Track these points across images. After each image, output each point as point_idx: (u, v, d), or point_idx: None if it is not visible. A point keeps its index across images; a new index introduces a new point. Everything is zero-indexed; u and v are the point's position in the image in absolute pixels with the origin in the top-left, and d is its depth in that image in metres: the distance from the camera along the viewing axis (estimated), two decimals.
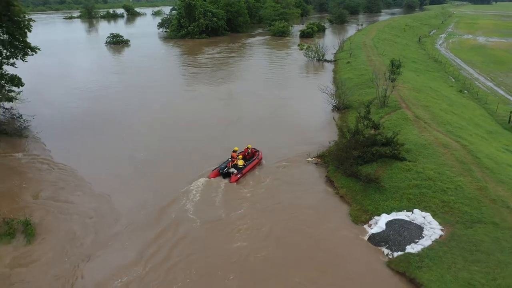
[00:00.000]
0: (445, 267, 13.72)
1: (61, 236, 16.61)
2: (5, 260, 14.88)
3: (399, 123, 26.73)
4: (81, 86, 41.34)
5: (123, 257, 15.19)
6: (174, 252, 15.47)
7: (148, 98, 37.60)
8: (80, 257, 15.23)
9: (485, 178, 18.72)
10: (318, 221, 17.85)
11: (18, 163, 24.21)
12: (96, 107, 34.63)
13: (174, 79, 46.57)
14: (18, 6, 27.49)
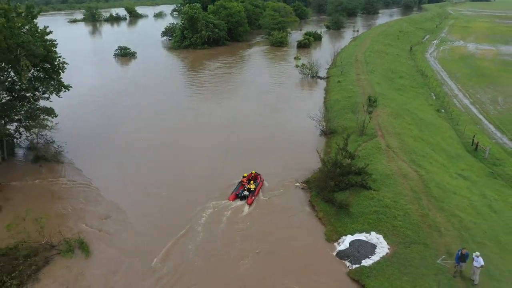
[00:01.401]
0: (385, 277, 19.70)
1: (108, 253, 22.56)
2: (74, 270, 20.82)
3: (372, 152, 32.61)
4: (96, 106, 47.10)
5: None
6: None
7: (160, 120, 43.39)
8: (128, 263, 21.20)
9: (429, 206, 24.68)
10: (300, 238, 23.79)
11: (60, 187, 30.13)
12: (112, 129, 40.51)
13: (179, 99, 52.19)
14: (55, 52, 33.16)
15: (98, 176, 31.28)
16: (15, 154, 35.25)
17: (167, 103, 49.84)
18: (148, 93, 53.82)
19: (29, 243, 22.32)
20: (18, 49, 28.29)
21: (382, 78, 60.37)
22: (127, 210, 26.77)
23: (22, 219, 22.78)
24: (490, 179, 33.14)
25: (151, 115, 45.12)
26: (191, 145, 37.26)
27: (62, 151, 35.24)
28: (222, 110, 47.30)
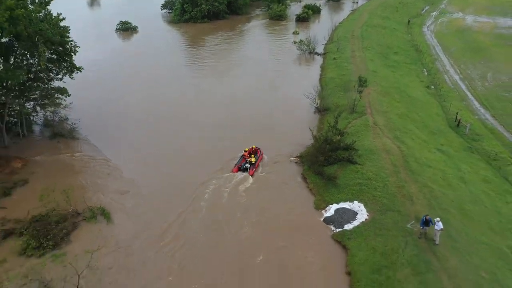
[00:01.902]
0: (363, 238, 23.51)
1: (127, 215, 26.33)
2: (98, 234, 24.62)
3: (360, 129, 35.95)
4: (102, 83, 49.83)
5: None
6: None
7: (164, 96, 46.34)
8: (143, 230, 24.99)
9: (405, 179, 28.28)
10: (292, 206, 27.52)
11: (77, 162, 33.67)
12: (120, 104, 43.57)
13: (181, 76, 54.76)
14: (68, 37, 35.77)
15: (111, 150, 34.73)
16: (33, 131, 38.55)
17: (169, 80, 52.42)
18: (151, 69, 56.25)
19: (58, 211, 26.00)
20: (36, 37, 31.05)
21: (376, 54, 62.76)
22: (140, 180, 30.38)
23: (51, 190, 26.32)
24: (467, 154, 36.67)
25: (154, 91, 47.98)
26: (195, 121, 40.38)
27: (76, 128, 38.53)
28: (222, 87, 50.10)
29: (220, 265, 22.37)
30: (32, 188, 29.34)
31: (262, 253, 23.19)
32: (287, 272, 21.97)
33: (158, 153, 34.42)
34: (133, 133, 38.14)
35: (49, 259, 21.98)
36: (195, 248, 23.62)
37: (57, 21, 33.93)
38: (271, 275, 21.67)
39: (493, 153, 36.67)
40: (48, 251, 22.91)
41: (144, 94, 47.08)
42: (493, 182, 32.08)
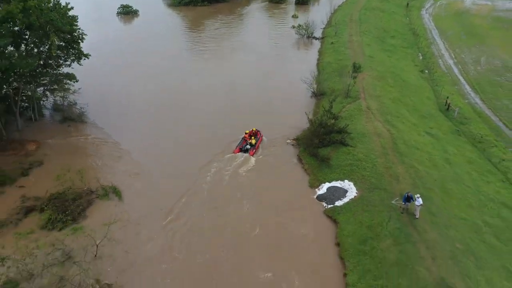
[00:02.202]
0: (351, 213, 25.99)
1: (135, 194, 28.79)
2: (113, 209, 27.09)
3: (354, 113, 38.10)
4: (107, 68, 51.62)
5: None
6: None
7: (167, 82, 48.25)
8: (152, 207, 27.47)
9: (393, 160, 30.62)
10: (288, 185, 29.94)
11: (88, 144, 35.97)
12: (121, 91, 45.41)
13: (183, 62, 56.45)
14: (76, 25, 37.51)
15: (118, 133, 36.93)
16: (44, 116, 40.69)
17: (170, 66, 53.83)
18: (152, 55, 57.80)
19: (74, 189, 28.44)
20: (47, 26, 32.89)
21: (373, 39, 64.25)
22: (147, 162, 32.71)
23: (67, 170, 28.73)
24: (455, 136, 38.93)
25: (156, 77, 49.60)
26: (198, 105, 42.40)
27: (84, 112, 40.66)
28: (222, 72, 51.74)
29: (221, 240, 24.80)
30: (47, 169, 31.72)
31: (259, 227, 25.69)
32: (282, 243, 24.51)
33: (162, 135, 36.66)
34: (137, 116, 40.18)
35: (69, 232, 24.42)
36: (199, 223, 26.13)
37: (66, 11, 35.63)
38: (267, 247, 24.21)
39: (479, 135, 38.94)
40: (68, 225, 25.39)
41: (146, 80, 48.65)
42: (476, 163, 34.45)
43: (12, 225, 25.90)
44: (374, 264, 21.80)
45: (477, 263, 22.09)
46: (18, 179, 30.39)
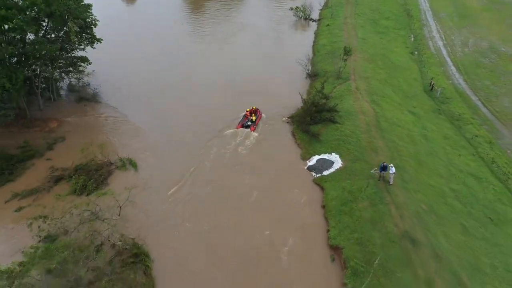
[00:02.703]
0: (335, 181, 30.41)
1: (150, 165, 33.15)
2: (131, 178, 31.48)
3: (343, 93, 42.10)
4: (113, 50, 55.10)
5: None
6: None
7: (171, 63, 51.96)
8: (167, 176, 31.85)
9: (375, 136, 34.86)
10: (283, 158, 34.26)
11: (103, 121, 40.13)
12: (128, 71, 49.12)
13: (186, 43, 60.03)
14: (90, 12, 41.00)
15: (129, 112, 41.02)
16: (61, 96, 44.68)
17: (174, 48, 57.34)
18: (155, 37, 61.21)
19: (96, 161, 32.80)
20: (66, 15, 36.56)
21: (367, 20, 67.43)
22: (156, 136, 36.94)
23: (89, 144, 33.04)
24: (435, 115, 43.05)
25: (161, 59, 53.34)
26: (202, 85, 46.18)
27: (98, 92, 44.65)
28: (223, 54, 55.28)
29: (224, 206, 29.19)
30: (69, 144, 36.02)
31: (256, 193, 30.15)
32: (277, 207, 28.97)
33: (170, 113, 40.68)
34: (146, 96, 44.07)
35: (95, 196, 28.86)
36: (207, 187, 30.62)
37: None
38: (264, 210, 28.69)
39: (457, 114, 43.07)
40: (93, 191, 29.87)
41: (152, 62, 52.16)
42: (451, 139, 38.73)
43: (45, 192, 30.40)
44: (352, 221, 26.34)
45: (437, 221, 26.64)
46: (45, 153, 34.72)
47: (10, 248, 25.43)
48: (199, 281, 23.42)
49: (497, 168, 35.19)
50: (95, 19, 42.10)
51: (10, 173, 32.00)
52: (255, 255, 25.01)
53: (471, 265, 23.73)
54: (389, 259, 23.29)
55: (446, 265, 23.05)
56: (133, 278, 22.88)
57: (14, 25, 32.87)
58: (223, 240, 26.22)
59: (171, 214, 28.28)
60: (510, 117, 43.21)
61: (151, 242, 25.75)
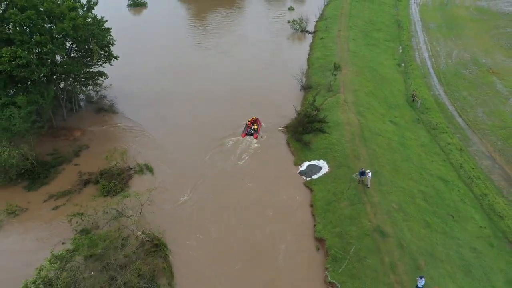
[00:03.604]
0: (322, 184, 36.10)
1: (163, 169, 38.86)
2: (148, 181, 37.22)
3: (333, 105, 47.77)
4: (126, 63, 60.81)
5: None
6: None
7: (178, 76, 57.63)
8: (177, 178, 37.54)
9: (358, 144, 40.55)
10: (277, 163, 39.94)
11: (121, 130, 45.81)
12: (139, 83, 55.02)
13: (192, 57, 65.77)
14: (110, 35, 46.62)
15: (143, 121, 46.74)
16: (81, 107, 50.42)
17: (181, 62, 63.29)
18: (163, 51, 67.07)
19: (117, 166, 38.51)
20: (90, 39, 42.29)
21: (359, 33, 73.08)
22: (169, 145, 42.64)
23: (113, 151, 38.74)
24: (414, 124, 48.71)
25: (169, 72, 59.22)
26: (208, 97, 51.83)
27: (114, 104, 50.37)
28: (226, 67, 61.07)
29: (228, 206, 34.86)
30: (93, 151, 41.79)
31: (255, 194, 35.87)
32: (271, 204, 34.68)
33: (179, 123, 46.40)
34: (157, 107, 49.86)
35: (119, 197, 34.53)
36: (215, 187, 36.35)
37: (102, 24, 44.87)
38: (261, 207, 34.39)
39: (434, 123, 48.74)
40: (118, 192, 35.59)
41: (160, 75, 58.11)
42: (427, 146, 44.40)
43: (76, 193, 36.17)
44: (334, 218, 32.05)
45: (405, 217, 32.33)
46: (73, 159, 40.49)
47: (51, 239, 31.25)
48: (209, 266, 29.13)
49: (464, 172, 40.87)
50: (112, 39, 47.85)
51: (45, 177, 37.74)
52: (256, 245, 30.71)
53: (428, 253, 29.41)
54: (362, 248, 29.02)
55: (408, 253, 28.77)
56: (155, 263, 28.56)
57: (48, 50, 38.63)
58: (229, 233, 31.94)
59: (184, 212, 34.01)
60: (481, 126, 48.85)
61: (168, 235, 31.42)
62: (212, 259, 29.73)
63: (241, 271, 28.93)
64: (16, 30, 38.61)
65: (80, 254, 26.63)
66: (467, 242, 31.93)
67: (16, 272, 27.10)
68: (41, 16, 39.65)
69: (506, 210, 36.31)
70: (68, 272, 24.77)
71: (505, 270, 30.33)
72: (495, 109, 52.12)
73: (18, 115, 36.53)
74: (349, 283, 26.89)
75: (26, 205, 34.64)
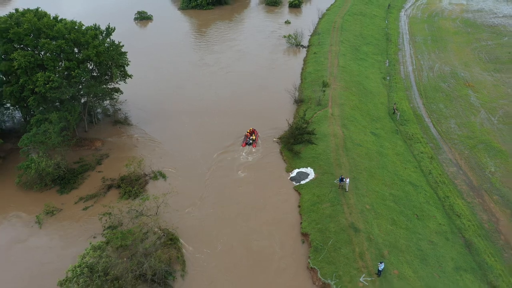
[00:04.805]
0: (309, 188, 43.50)
1: (173, 175, 46.29)
2: (162, 186, 44.62)
3: (321, 119, 55.20)
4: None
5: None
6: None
7: (184, 90, 65.07)
8: (189, 182, 44.95)
9: (341, 154, 47.97)
10: (271, 170, 47.37)
11: (135, 141, 53.27)
12: (151, 98, 62.55)
13: (194, 73, 73.30)
14: (126, 58, 54.09)
15: (155, 132, 54.22)
16: (99, 120, 57.90)
17: (185, 77, 70.84)
18: (169, 66, 74.55)
19: (135, 173, 45.91)
20: (110, 63, 49.81)
21: (349, 48, 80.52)
22: (178, 155, 50.07)
23: (131, 160, 46.15)
24: (393, 135, 56.14)
25: (174, 86, 66.73)
26: (210, 111, 59.44)
27: (129, 117, 57.87)
28: (226, 82, 68.63)
29: (230, 206, 42.34)
30: (113, 159, 49.26)
31: (249, 199, 43.22)
32: (266, 206, 42.07)
33: (187, 134, 53.90)
34: (166, 119, 57.35)
35: (140, 200, 41.90)
36: (220, 189, 43.76)
37: (120, 48, 52.39)
38: (256, 208, 41.79)
39: (411, 134, 56.17)
40: (136, 196, 43.00)
41: (168, 91, 65.74)
42: (402, 155, 51.81)
43: (101, 196, 43.60)
44: (317, 217, 39.45)
45: (375, 216, 39.71)
46: (96, 166, 47.97)
47: (84, 234, 38.70)
48: (214, 256, 36.54)
49: (432, 177, 48.27)
50: (127, 60, 55.34)
51: (74, 182, 45.19)
52: (252, 239, 38.13)
53: (392, 245, 36.79)
54: (338, 241, 36.42)
55: (375, 244, 36.17)
56: (171, 253, 35.96)
57: (76, 74, 46.11)
58: (231, 229, 39.35)
59: (193, 209, 41.46)
60: (452, 136, 56.27)
61: (181, 231, 38.83)
62: (216, 249, 37.15)
63: (240, 255, 36.36)
64: (48, 57, 46.11)
65: (112, 245, 34.05)
66: (426, 236, 39.34)
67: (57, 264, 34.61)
68: (69, 45, 47.12)
69: (464, 210, 43.72)
70: (104, 259, 32.17)
71: (456, 259, 37.72)
72: (466, 121, 59.55)
73: (53, 130, 43.96)
74: (326, 268, 34.29)
75: (60, 206, 42.09)
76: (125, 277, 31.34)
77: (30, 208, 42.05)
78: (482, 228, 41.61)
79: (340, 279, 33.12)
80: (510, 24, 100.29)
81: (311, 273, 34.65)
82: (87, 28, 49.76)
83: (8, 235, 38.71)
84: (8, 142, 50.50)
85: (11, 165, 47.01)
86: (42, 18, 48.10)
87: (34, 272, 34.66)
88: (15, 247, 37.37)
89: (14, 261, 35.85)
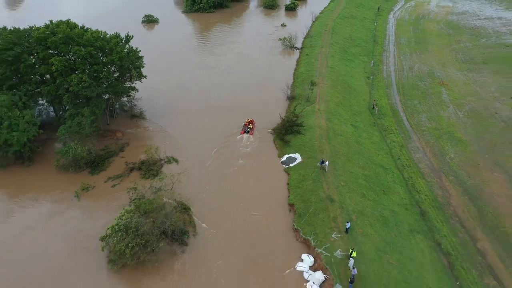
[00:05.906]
0: (296, 170, 54.00)
1: (186, 159, 56.81)
2: (175, 168, 55.14)
3: (309, 113, 65.66)
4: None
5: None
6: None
7: (191, 89, 75.54)
8: (200, 166, 55.49)
9: (324, 142, 58.46)
10: (265, 156, 57.90)
11: (150, 132, 63.80)
12: (163, 94, 73.08)
13: (199, 73, 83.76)
14: (142, 61, 64.56)
15: (168, 125, 64.74)
16: (118, 114, 68.40)
17: (192, 78, 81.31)
18: (176, 67, 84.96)
19: (152, 158, 56.40)
20: (129, 65, 60.31)
21: (338, 50, 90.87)
22: (186, 142, 60.55)
23: (149, 148, 56.67)
24: (371, 127, 66.60)
25: (182, 85, 77.25)
26: (214, 106, 69.97)
27: (144, 111, 68.41)
28: (227, 82, 79.08)
29: (230, 183, 52.83)
30: (133, 147, 59.80)
31: (246, 178, 53.71)
32: (261, 184, 52.55)
33: (195, 126, 64.42)
34: (173, 113, 67.81)
35: (158, 178, 52.27)
36: (219, 178, 54.28)
37: (137, 53, 62.89)
38: (253, 186, 52.28)
39: (386, 126, 66.65)
40: (155, 176, 53.50)
41: (177, 88, 76.27)
42: (377, 144, 62.29)
43: (126, 176, 54.14)
44: (302, 191, 49.97)
45: (348, 190, 50.23)
46: (119, 153, 58.51)
47: (114, 205, 49.25)
48: (218, 221, 47.07)
49: (400, 162, 58.76)
50: (143, 63, 65.82)
51: (102, 165, 55.72)
52: (249, 208, 48.65)
53: (359, 212, 47.30)
54: (317, 209, 46.96)
55: (346, 211, 46.70)
56: (185, 218, 46.50)
57: (103, 75, 56.63)
58: (232, 202, 49.87)
59: (201, 185, 52.02)
60: (421, 128, 66.72)
61: (192, 202, 49.33)
62: (221, 219, 47.77)
63: (239, 219, 46.94)
64: (79, 62, 56.60)
65: (140, 210, 44.63)
66: (389, 207, 49.92)
67: (92, 230, 45.17)
68: (96, 51, 57.62)
69: (423, 187, 54.25)
70: (136, 219, 42.74)
71: (411, 224, 48.29)
72: (436, 115, 70.02)
73: (86, 122, 54.53)
74: (307, 228, 44.86)
75: (93, 184, 52.59)
76: (152, 232, 41.91)
77: (67, 187, 52.57)
78: (436, 201, 52.16)
79: (317, 236, 43.72)
80: (490, 26, 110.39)
81: (295, 233, 45.25)
82: (111, 37, 60.20)
83: (49, 209, 49.13)
84: (44, 133, 61.04)
85: (47, 152, 57.59)
86: (74, 28, 58.51)
87: (73, 236, 45.24)
88: (54, 218, 47.73)
89: (56, 229, 46.35)
